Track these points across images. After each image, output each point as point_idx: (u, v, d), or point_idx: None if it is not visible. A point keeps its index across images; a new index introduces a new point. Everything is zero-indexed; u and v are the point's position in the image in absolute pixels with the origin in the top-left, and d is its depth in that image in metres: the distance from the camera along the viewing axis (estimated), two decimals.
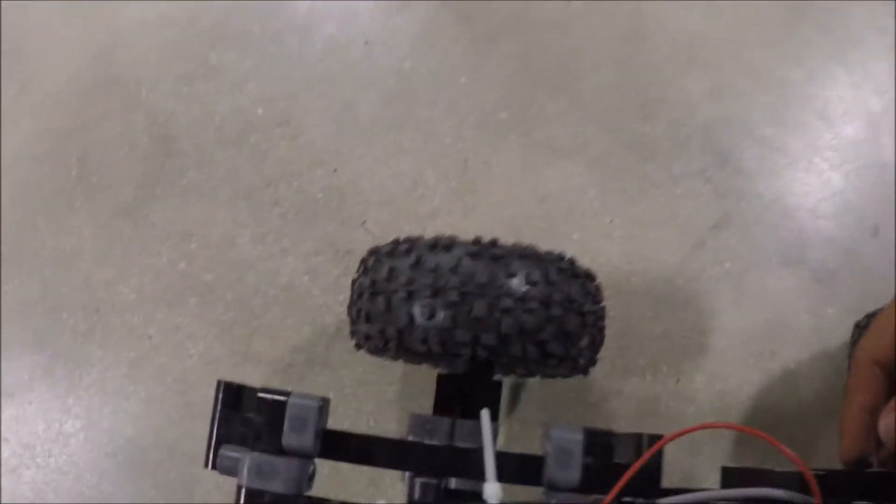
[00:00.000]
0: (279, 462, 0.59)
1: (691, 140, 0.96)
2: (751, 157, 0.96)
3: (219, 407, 0.63)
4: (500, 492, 0.51)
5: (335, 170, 0.97)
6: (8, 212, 1.01)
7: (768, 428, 0.60)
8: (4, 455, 0.93)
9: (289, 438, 0.59)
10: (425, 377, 0.86)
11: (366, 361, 0.87)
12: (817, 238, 0.94)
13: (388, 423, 0.89)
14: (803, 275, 0.93)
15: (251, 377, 0.90)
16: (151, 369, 0.94)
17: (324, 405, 0.60)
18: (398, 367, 0.89)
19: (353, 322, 0.69)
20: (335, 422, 0.61)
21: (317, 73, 1.03)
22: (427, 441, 0.63)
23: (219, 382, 0.62)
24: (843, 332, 0.89)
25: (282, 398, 0.60)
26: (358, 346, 0.71)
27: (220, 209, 0.98)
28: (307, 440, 0.59)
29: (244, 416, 0.62)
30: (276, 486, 0.58)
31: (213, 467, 0.61)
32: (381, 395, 0.90)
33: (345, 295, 0.72)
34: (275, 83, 1.03)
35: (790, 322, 0.91)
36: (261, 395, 0.61)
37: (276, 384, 0.75)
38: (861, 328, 0.83)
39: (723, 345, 0.91)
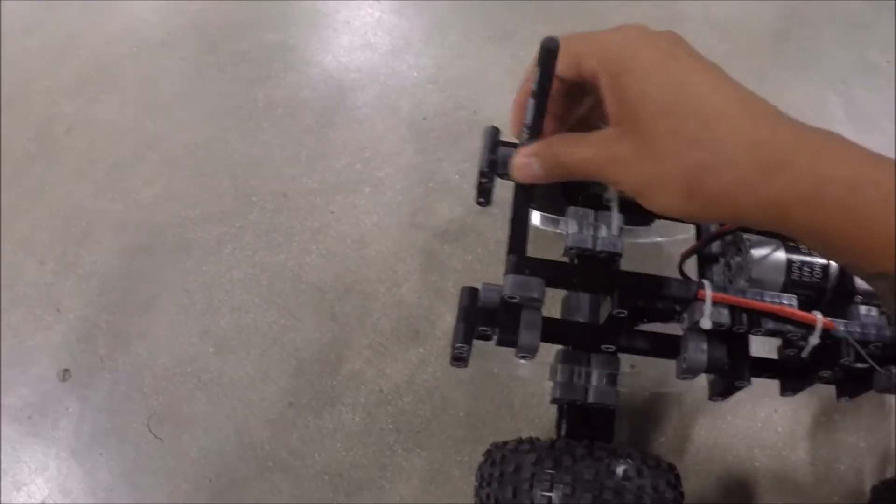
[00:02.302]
0: None
1: None
2: None
3: (486, 148, 0.88)
4: None
5: (475, 111, 1.32)
6: (202, 130, 1.33)
7: None
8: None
9: None
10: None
11: (497, 228, 1.16)
12: None
13: None
14: None
15: (417, 239, 1.17)
16: (332, 234, 1.18)
17: None
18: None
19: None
20: None
21: (454, 53, 1.43)
22: None
23: (487, 128, 0.88)
24: None
25: None
26: None
27: (395, 133, 1.30)
28: None
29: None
30: None
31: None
32: None
33: None
34: (426, 56, 1.42)
35: None
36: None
37: (435, 245, 1.05)
38: None
39: None
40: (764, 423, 1.01)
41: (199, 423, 1.05)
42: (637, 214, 0.82)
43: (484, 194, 0.87)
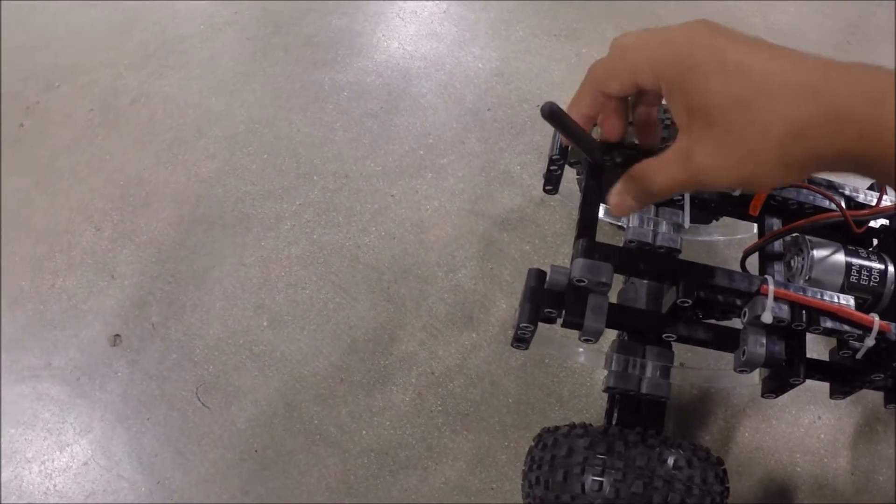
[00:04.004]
0: None
1: None
2: None
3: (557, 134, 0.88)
4: None
5: (538, 106, 1.36)
6: (266, 108, 1.39)
7: None
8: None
9: None
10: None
11: (555, 220, 1.21)
12: None
13: None
14: None
15: (476, 226, 1.22)
16: (392, 216, 1.23)
17: None
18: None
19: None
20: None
21: (520, 47, 1.49)
22: None
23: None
24: None
25: None
26: None
27: (459, 121, 1.36)
28: None
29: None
30: None
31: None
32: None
33: (541, 179, 0.99)
34: (491, 49, 1.48)
35: None
36: None
37: (494, 234, 1.10)
38: None
39: None
40: (807, 430, 1.05)
41: (249, 395, 1.10)
42: (698, 212, 0.87)
43: (552, 182, 0.92)
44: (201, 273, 1.18)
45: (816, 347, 0.80)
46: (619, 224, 0.82)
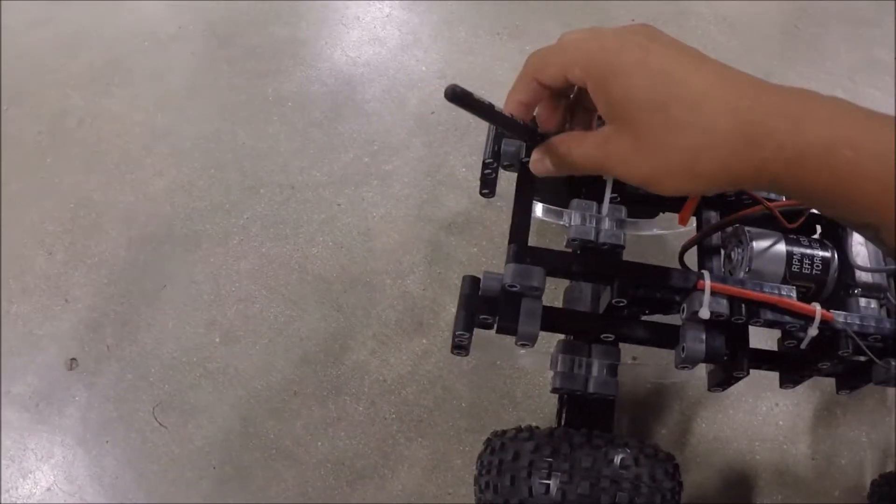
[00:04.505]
0: None
1: None
2: None
3: (490, 139, 0.85)
4: None
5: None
6: (211, 123, 1.35)
7: None
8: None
9: None
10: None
11: (502, 221, 1.18)
12: None
13: None
14: None
15: (423, 231, 1.19)
16: (339, 225, 1.20)
17: None
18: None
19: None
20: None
21: (462, 48, 1.46)
22: None
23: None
24: None
25: None
26: None
27: (403, 126, 1.33)
28: None
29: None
30: None
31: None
32: None
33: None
34: (434, 51, 1.45)
35: None
36: None
37: (441, 238, 1.07)
38: None
39: None
40: (765, 417, 1.03)
41: (205, 412, 1.07)
42: (641, 206, 0.84)
43: (488, 185, 0.89)
44: (153, 292, 1.15)
45: (768, 335, 0.77)
46: (563, 223, 0.79)
